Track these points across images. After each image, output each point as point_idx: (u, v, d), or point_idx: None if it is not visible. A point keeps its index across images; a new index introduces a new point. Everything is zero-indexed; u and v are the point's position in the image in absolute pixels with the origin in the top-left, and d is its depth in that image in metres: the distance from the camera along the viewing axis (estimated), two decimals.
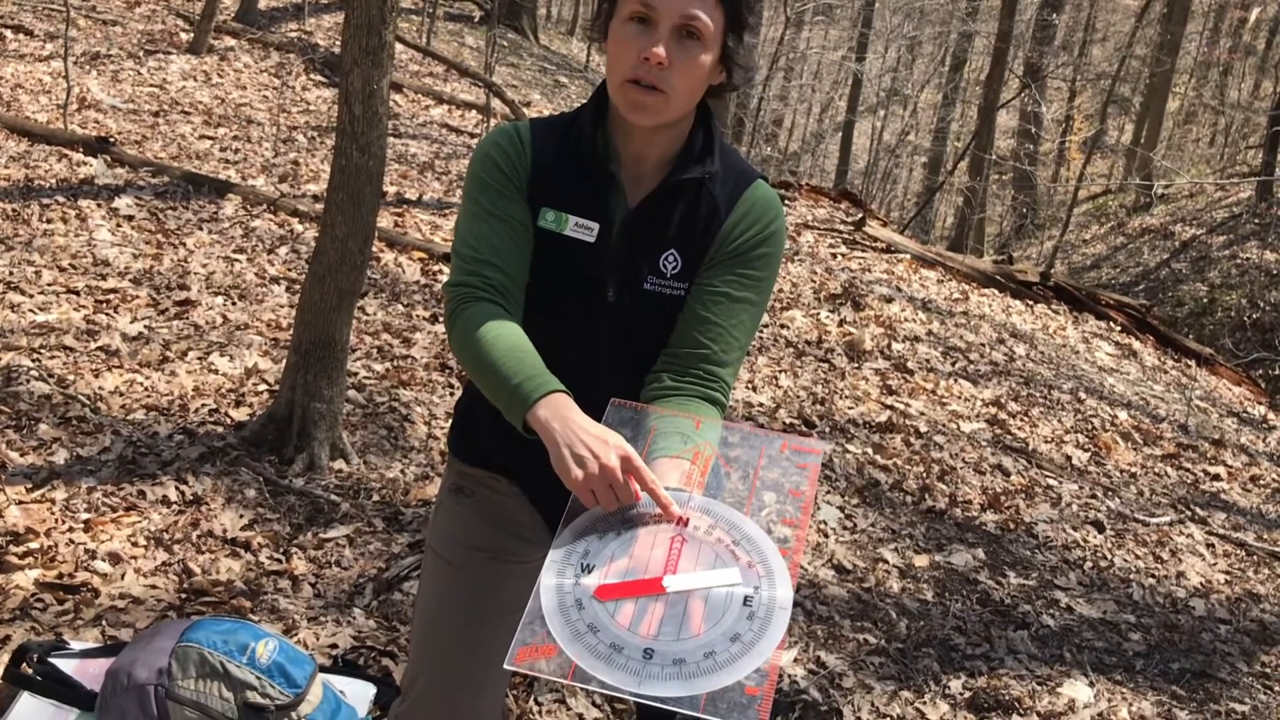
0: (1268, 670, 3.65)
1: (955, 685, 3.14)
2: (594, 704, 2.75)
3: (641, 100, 1.50)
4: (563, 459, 1.36)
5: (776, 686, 2.90)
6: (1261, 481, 5.78)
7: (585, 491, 1.35)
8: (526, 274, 1.60)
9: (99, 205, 5.57)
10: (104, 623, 2.71)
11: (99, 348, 4.13)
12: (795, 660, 3.12)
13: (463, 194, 1.65)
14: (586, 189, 1.60)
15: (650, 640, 1.21)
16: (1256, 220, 14.22)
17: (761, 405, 4.94)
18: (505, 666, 1.23)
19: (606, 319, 1.62)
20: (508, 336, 1.50)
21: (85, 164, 6.11)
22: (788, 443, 1.46)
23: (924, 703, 3.03)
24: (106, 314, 4.42)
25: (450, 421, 1.87)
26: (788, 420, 4.85)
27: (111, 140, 6.43)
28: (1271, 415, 8.27)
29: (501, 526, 1.77)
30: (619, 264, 1.60)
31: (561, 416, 1.40)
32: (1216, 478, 5.62)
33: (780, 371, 5.46)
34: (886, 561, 3.81)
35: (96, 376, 3.92)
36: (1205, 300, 12.80)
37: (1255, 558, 4.59)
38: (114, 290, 4.65)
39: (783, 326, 6.13)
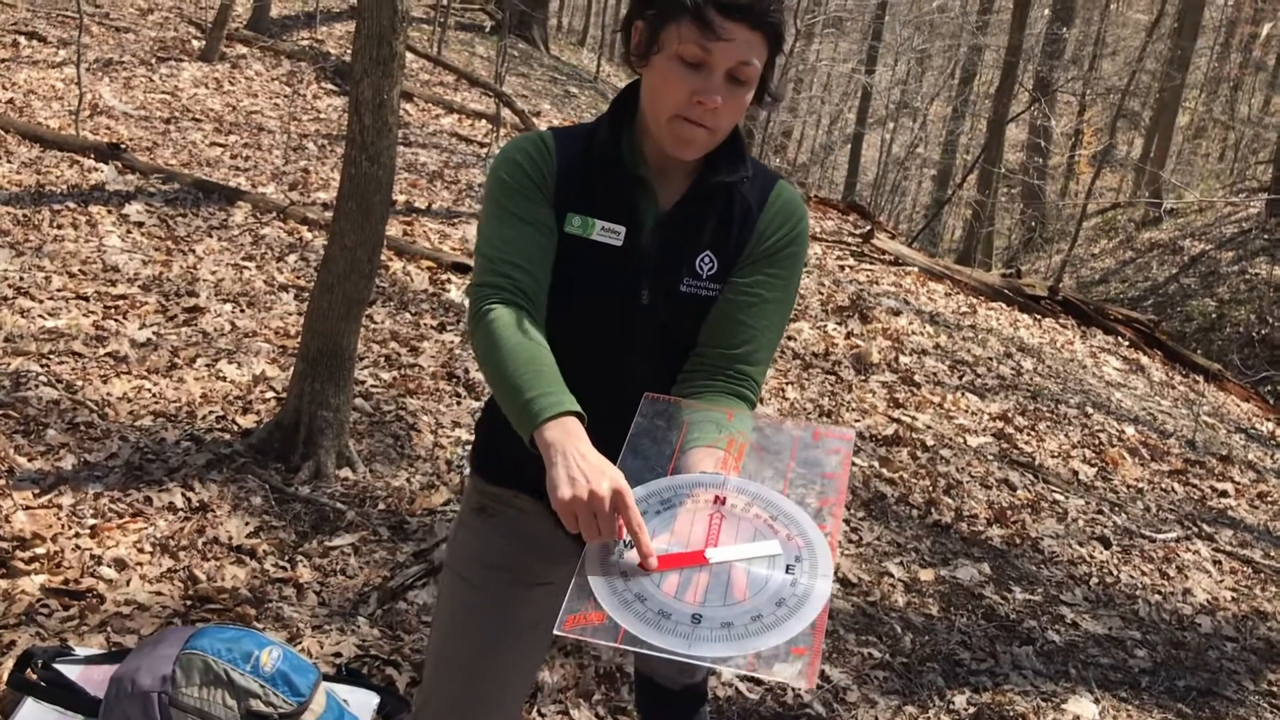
0: (1274, 689, 3.63)
1: (960, 701, 3.13)
2: (596, 715, 2.75)
3: (690, 138, 1.52)
4: (557, 477, 1.34)
5: (781, 700, 2.89)
6: (1269, 498, 5.75)
7: (569, 514, 1.32)
8: (549, 278, 1.59)
9: (109, 211, 5.59)
10: (109, 629, 2.72)
11: (107, 354, 4.14)
12: (800, 674, 3.11)
13: (485, 198, 1.65)
14: (612, 194, 1.60)
15: (697, 607, 1.23)
16: (1266, 236, 14.19)
17: (758, 414, 4.93)
18: (555, 632, 1.23)
19: (641, 321, 1.62)
20: (529, 347, 1.48)
21: (96, 170, 6.13)
22: (819, 431, 1.49)
23: (928, 718, 3.02)
24: (115, 320, 4.44)
25: (473, 439, 1.86)
26: None
27: (123, 147, 6.46)
28: (1279, 432, 8.25)
29: (525, 547, 1.76)
30: (652, 266, 1.61)
31: (569, 440, 1.37)
32: (1224, 494, 5.60)
33: (788, 384, 5.46)
34: (892, 575, 3.81)
35: (105, 382, 3.93)
36: (1214, 316, 12.78)
37: (1262, 575, 4.58)
38: (123, 296, 4.66)
39: (790, 338, 6.13)
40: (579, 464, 1.34)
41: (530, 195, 1.59)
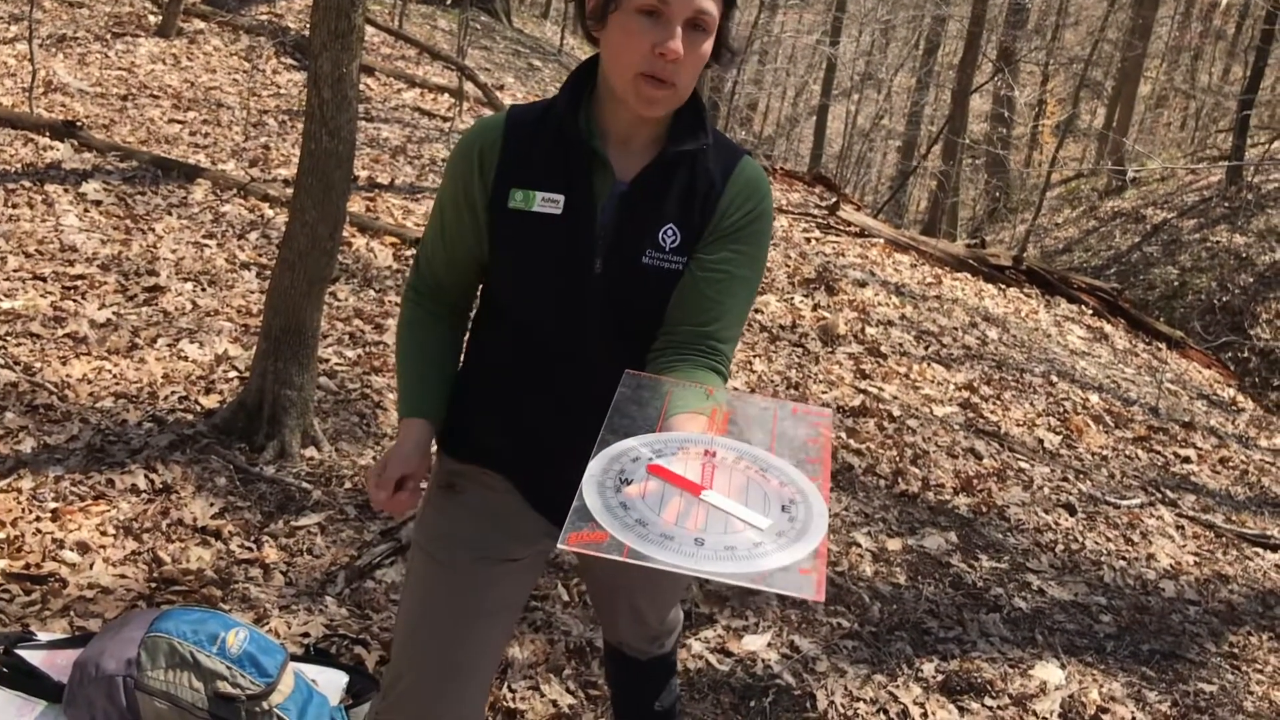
0: (1235, 650, 3.69)
1: (928, 669, 3.16)
2: (567, 690, 2.75)
3: (655, 95, 1.53)
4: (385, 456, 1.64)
5: (751, 670, 2.90)
6: (1230, 463, 5.83)
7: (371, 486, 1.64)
8: (471, 282, 1.74)
9: (66, 190, 5.50)
10: (72, 613, 2.69)
11: (66, 335, 4.08)
12: (769, 645, 3.12)
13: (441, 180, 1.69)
14: (558, 165, 1.61)
15: (699, 533, 1.24)
16: (1226, 204, 14.33)
17: (736, 391, 4.94)
18: (559, 547, 1.24)
19: (592, 291, 1.62)
20: (419, 347, 1.74)
21: (52, 148, 6.03)
22: (798, 407, 1.51)
23: (897, 686, 3.05)
24: (74, 300, 4.37)
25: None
26: None
27: (78, 124, 6.35)
28: (1240, 398, 8.36)
29: (493, 524, 1.76)
30: (608, 237, 1.61)
31: (399, 437, 1.67)
32: (1186, 460, 5.67)
33: (755, 356, 5.46)
34: (859, 546, 3.83)
35: (64, 364, 3.88)
36: (1176, 283, 12.90)
37: (1224, 539, 4.64)
38: (81, 276, 4.59)
39: (757, 311, 6.13)
40: (386, 453, 1.65)
41: (465, 193, 1.65)
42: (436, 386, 1.73)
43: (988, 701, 3.06)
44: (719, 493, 1.30)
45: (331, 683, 2.49)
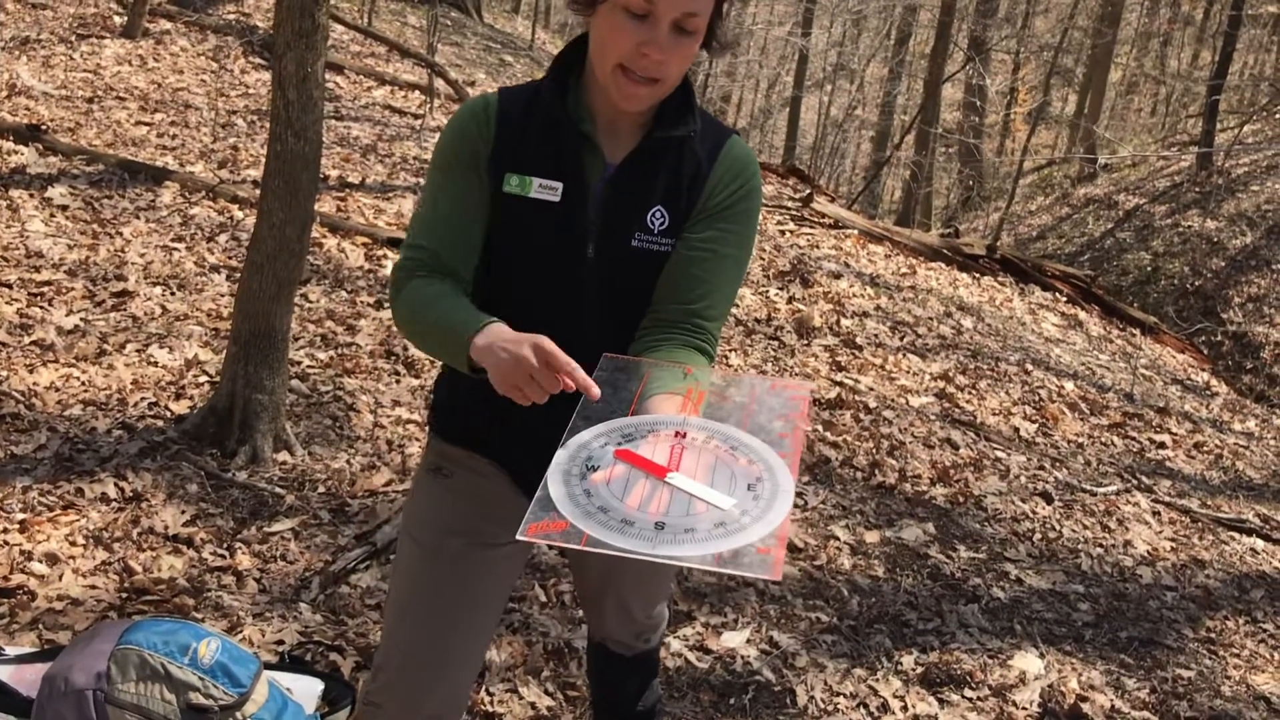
0: (1213, 635, 3.70)
1: (907, 661, 3.16)
2: (545, 692, 2.73)
3: (636, 91, 1.53)
4: (491, 373, 1.42)
5: (730, 667, 2.89)
6: (1205, 448, 5.86)
7: (514, 391, 1.41)
8: (473, 259, 1.63)
9: (31, 195, 5.43)
10: (41, 626, 2.65)
11: (33, 342, 4.03)
12: (748, 641, 3.11)
13: (426, 172, 1.67)
14: (552, 150, 1.61)
15: (660, 517, 1.25)
16: (1197, 189, 14.41)
17: (717, 369, 4.92)
18: (517, 537, 1.24)
19: (586, 276, 1.63)
20: (447, 296, 1.55)
21: (16, 152, 5.95)
22: (777, 382, 1.52)
23: (877, 680, 3.04)
24: (40, 307, 4.32)
25: (431, 400, 1.86)
26: None
27: (43, 128, 6.27)
28: (1214, 382, 8.41)
29: (480, 509, 1.75)
30: (600, 221, 1.61)
31: (492, 337, 1.44)
32: (1161, 445, 5.69)
33: (730, 350, 5.45)
34: (838, 539, 3.82)
35: (31, 372, 3.83)
36: (1149, 269, 12.97)
37: (1200, 524, 4.66)
38: (48, 282, 4.54)
39: (733, 305, 6.12)
40: (502, 348, 1.41)
41: (458, 173, 1.61)
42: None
43: (967, 693, 3.06)
44: (685, 474, 1.31)
45: (307, 691, 2.46)
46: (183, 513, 3.22)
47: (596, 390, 1.40)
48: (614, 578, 1.99)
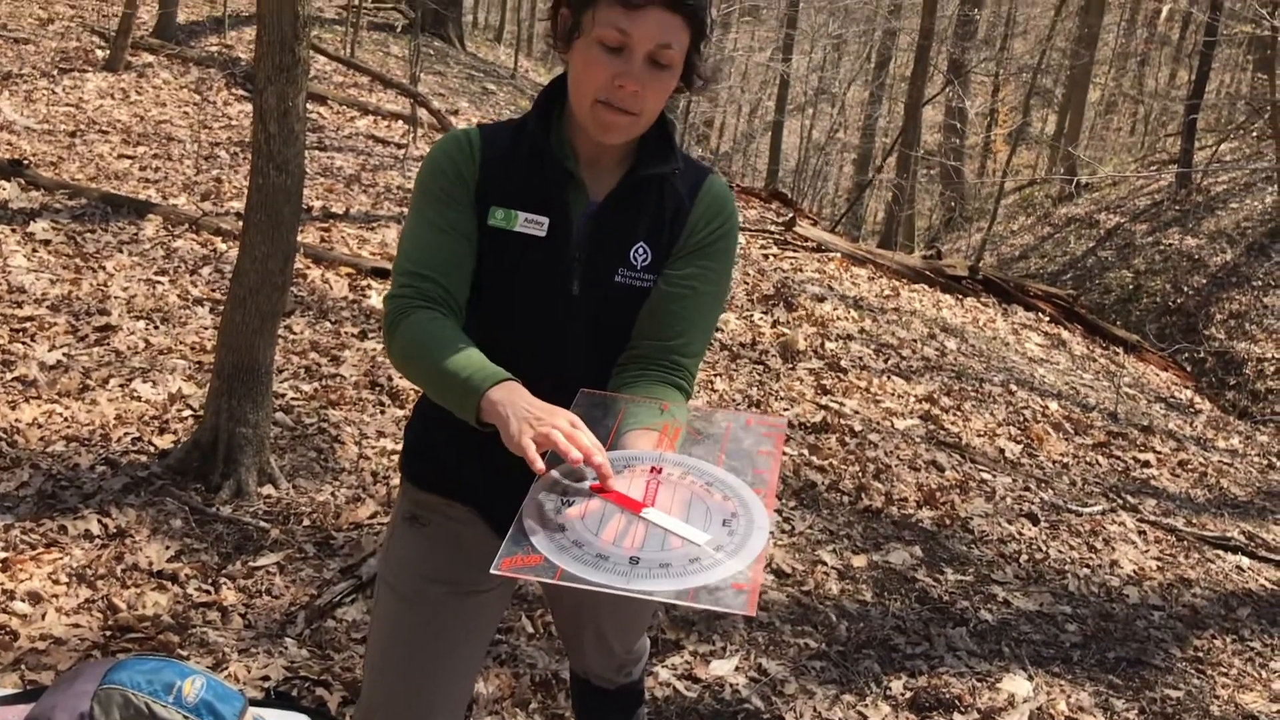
0: (1200, 654, 3.71)
1: (896, 686, 3.15)
2: None
3: (614, 122, 1.53)
4: (511, 427, 1.38)
5: (719, 696, 2.89)
6: (1189, 466, 5.88)
7: (530, 449, 1.36)
8: (467, 285, 1.61)
9: (14, 230, 5.42)
10: (23, 666, 2.63)
11: (15, 378, 4.02)
12: (737, 669, 3.11)
13: (410, 205, 1.65)
14: (537, 186, 1.61)
15: (635, 552, 1.25)
16: (1177, 207, 14.52)
17: (694, 405, 4.92)
18: (491, 571, 1.23)
19: (572, 313, 1.63)
20: (451, 338, 1.51)
21: None
22: (752, 418, 1.53)
23: (865, 705, 3.04)
24: (23, 343, 4.30)
25: (402, 446, 1.85)
26: None
27: (25, 163, 6.26)
28: (1198, 399, 8.45)
29: (459, 556, 1.74)
30: (584, 257, 1.62)
31: (514, 395, 1.42)
32: (1146, 464, 5.71)
33: (716, 375, 5.46)
34: (825, 563, 3.82)
35: (13, 408, 3.81)
36: (1131, 287, 13.04)
37: (1185, 543, 4.67)
38: (30, 318, 4.52)
39: (717, 330, 6.14)
40: (529, 409, 1.39)
41: (449, 199, 1.60)
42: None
43: (956, 717, 3.05)
44: (660, 510, 1.31)
45: None
46: (167, 548, 3.20)
47: (610, 473, 1.36)
48: (590, 612, 1.98)
